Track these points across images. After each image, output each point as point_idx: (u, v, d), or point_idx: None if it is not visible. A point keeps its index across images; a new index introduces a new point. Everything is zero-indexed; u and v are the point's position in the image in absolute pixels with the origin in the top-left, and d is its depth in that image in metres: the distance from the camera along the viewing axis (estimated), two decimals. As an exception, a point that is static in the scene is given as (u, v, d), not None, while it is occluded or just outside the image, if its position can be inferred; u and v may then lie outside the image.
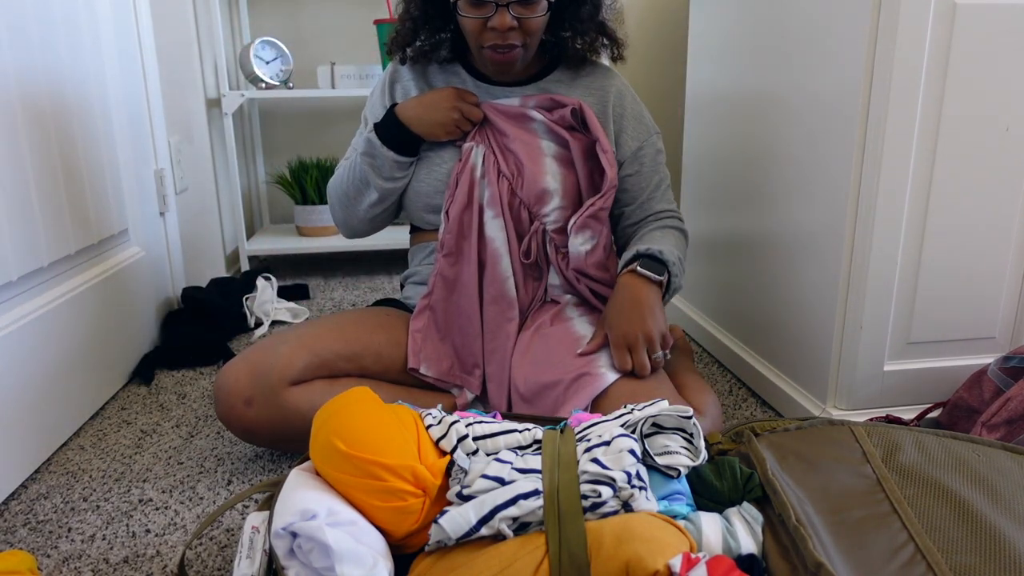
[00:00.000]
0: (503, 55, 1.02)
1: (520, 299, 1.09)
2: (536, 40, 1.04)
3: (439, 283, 1.09)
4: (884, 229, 1.01)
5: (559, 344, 1.02)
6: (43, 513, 0.96)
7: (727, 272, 1.43)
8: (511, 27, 0.99)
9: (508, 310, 1.07)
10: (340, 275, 2.23)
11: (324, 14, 2.35)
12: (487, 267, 1.07)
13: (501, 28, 0.98)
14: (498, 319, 1.07)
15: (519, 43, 1.01)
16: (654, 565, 0.57)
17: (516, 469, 0.67)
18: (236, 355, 1.09)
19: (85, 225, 1.25)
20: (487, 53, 1.03)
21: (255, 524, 0.67)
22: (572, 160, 1.08)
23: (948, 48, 0.96)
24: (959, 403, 1.01)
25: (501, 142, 1.08)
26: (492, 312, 1.07)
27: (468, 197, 1.06)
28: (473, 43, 1.04)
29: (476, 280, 1.07)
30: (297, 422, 0.97)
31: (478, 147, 1.07)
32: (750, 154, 1.30)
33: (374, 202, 1.14)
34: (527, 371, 1.02)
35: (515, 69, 1.07)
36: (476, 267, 1.07)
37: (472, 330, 1.08)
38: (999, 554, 0.59)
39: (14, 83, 1.05)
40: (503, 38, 1.00)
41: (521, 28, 1.00)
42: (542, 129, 1.08)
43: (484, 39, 1.01)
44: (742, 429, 0.80)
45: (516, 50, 1.02)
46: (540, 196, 1.06)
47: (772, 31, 1.20)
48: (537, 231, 1.08)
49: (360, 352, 1.04)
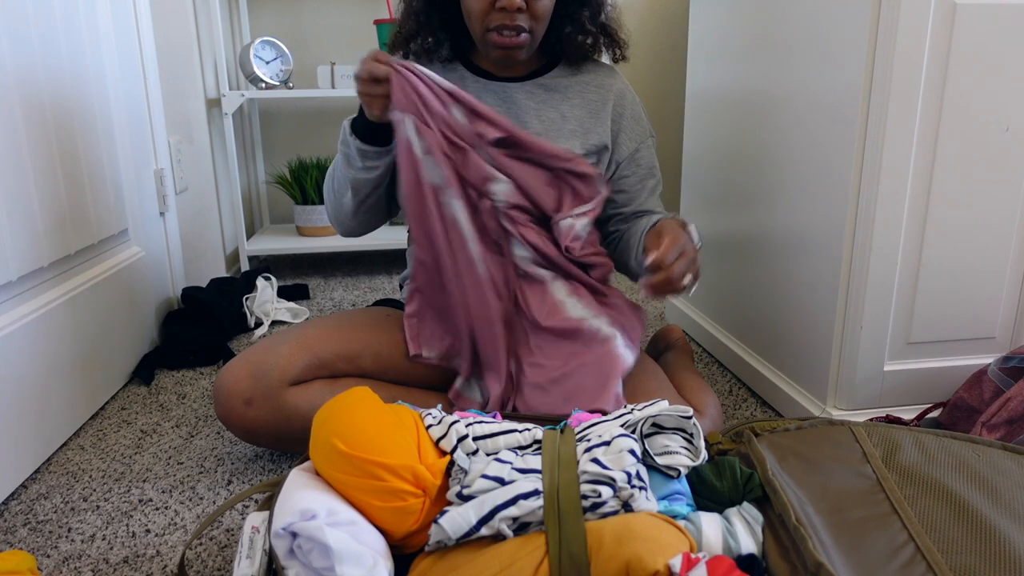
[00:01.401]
0: (509, 40, 1.01)
1: (495, 279, 1.04)
2: (542, 28, 1.04)
3: (419, 269, 1.05)
4: (884, 229, 1.01)
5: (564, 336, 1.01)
6: (43, 513, 0.96)
7: (727, 272, 1.43)
8: (519, 7, 0.98)
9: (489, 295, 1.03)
10: (340, 275, 2.23)
11: (324, 14, 2.35)
12: (456, 251, 1.02)
13: (510, 8, 0.98)
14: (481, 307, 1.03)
15: (526, 27, 1.01)
16: (654, 565, 0.57)
17: (516, 469, 0.67)
18: (236, 355, 1.09)
19: (85, 225, 1.25)
20: (492, 38, 1.02)
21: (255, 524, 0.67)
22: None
23: (948, 48, 0.96)
24: (959, 403, 1.01)
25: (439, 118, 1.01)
26: (474, 298, 1.03)
27: (414, 176, 0.99)
28: (479, 27, 1.02)
29: (453, 264, 1.03)
30: (297, 422, 0.97)
31: (406, 117, 0.98)
32: (750, 154, 1.30)
33: (353, 195, 1.10)
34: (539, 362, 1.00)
35: (520, 58, 1.06)
36: (448, 251, 1.02)
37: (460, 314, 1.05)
38: (999, 554, 0.59)
39: (14, 83, 1.05)
40: (511, 19, 0.99)
41: (529, 11, 1.00)
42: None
43: (491, 20, 1.00)
44: (742, 429, 0.80)
45: (523, 35, 1.02)
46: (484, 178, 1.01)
47: (772, 31, 1.20)
48: (488, 208, 1.03)
49: (360, 352, 1.04)
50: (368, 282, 2.14)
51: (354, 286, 2.09)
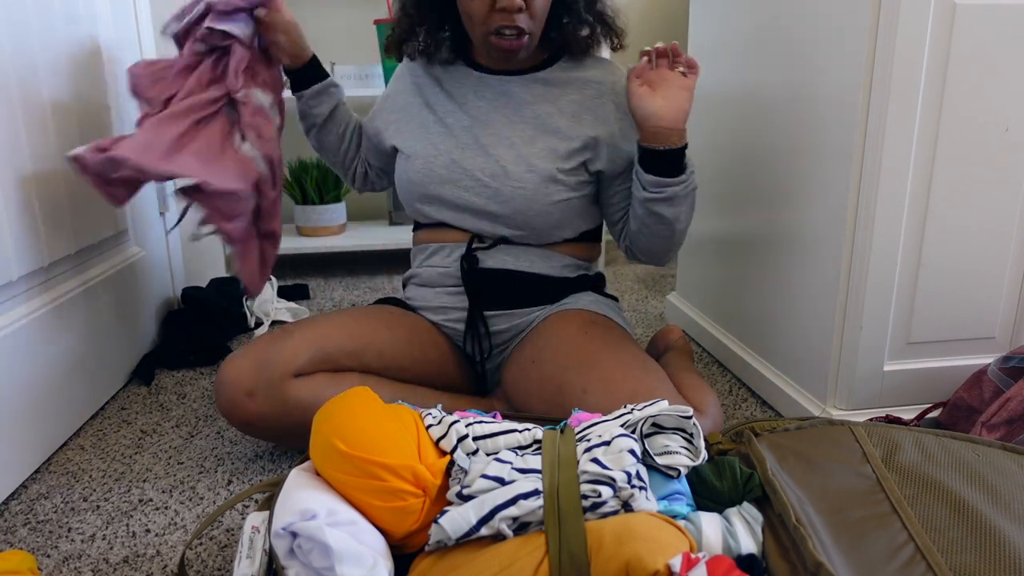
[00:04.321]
0: (510, 43, 1.02)
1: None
2: (540, 26, 1.04)
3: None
4: (884, 229, 1.01)
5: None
6: (43, 513, 0.96)
7: (727, 272, 1.43)
8: (519, 8, 0.99)
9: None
10: (340, 275, 2.23)
11: (324, 14, 2.35)
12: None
13: (511, 9, 0.98)
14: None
15: (526, 27, 1.01)
16: (654, 565, 0.57)
17: (516, 469, 0.67)
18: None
19: (85, 225, 1.25)
20: (493, 40, 1.03)
21: (255, 524, 0.67)
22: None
23: (948, 48, 0.96)
24: (959, 403, 1.01)
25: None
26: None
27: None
28: (479, 30, 1.03)
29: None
30: (298, 414, 0.97)
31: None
32: (750, 154, 1.30)
33: (310, 128, 1.24)
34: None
35: (521, 57, 1.07)
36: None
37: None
38: (999, 554, 0.59)
39: (14, 83, 1.05)
40: (511, 20, 1.00)
41: (528, 10, 1.00)
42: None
43: (491, 22, 1.01)
44: (742, 429, 0.80)
45: (524, 36, 1.02)
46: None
47: (772, 31, 1.20)
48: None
49: (363, 348, 1.04)
50: (368, 282, 2.14)
51: (354, 286, 2.09)
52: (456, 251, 1.12)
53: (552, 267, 1.13)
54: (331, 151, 1.27)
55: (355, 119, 1.27)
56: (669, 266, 2.29)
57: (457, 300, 1.13)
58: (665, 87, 0.99)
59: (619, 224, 1.16)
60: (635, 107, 1.00)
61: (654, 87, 1.00)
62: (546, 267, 1.13)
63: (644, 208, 1.05)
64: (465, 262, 1.10)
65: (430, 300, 1.15)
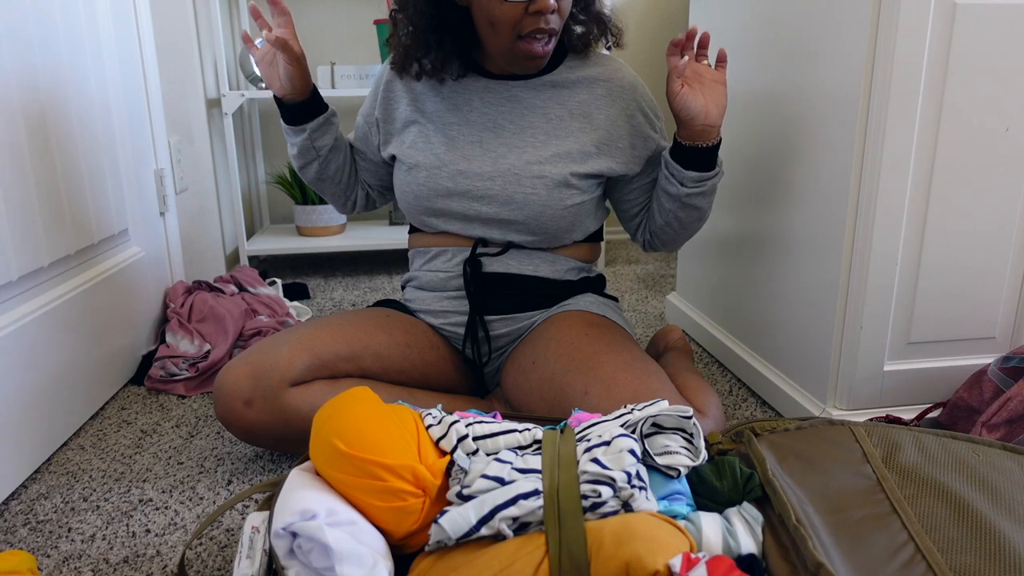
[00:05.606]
0: (542, 48, 1.01)
1: None
2: (562, 26, 1.04)
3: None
4: (884, 229, 1.01)
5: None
6: (43, 513, 0.96)
7: (727, 272, 1.43)
8: (553, 9, 0.98)
9: None
10: (340, 275, 2.23)
11: (324, 14, 2.35)
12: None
13: (546, 11, 0.97)
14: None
15: (557, 28, 1.01)
16: (654, 565, 0.57)
17: (516, 469, 0.67)
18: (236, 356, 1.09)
19: (85, 225, 1.25)
20: (522, 46, 1.01)
21: (255, 524, 0.67)
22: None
23: (948, 48, 0.96)
24: (959, 403, 1.01)
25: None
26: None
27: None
28: (506, 36, 1.00)
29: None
30: (297, 423, 0.97)
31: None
32: (750, 154, 1.30)
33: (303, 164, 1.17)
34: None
35: (544, 64, 1.06)
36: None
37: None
38: (999, 554, 0.59)
39: (14, 83, 1.05)
40: (545, 22, 0.99)
41: (558, 11, 1.00)
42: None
43: (524, 26, 0.99)
44: (742, 429, 0.80)
45: (553, 40, 1.02)
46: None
47: (772, 31, 1.20)
48: None
49: (360, 352, 1.04)
50: (368, 282, 2.14)
51: (354, 286, 2.09)
52: (459, 255, 1.12)
53: (556, 270, 1.13)
54: (333, 181, 1.20)
55: (348, 141, 1.22)
56: (669, 266, 2.29)
57: (458, 304, 1.12)
58: (702, 84, 1.00)
59: (636, 219, 1.16)
60: (680, 107, 1.00)
61: (692, 84, 1.00)
62: (550, 271, 1.13)
63: (678, 203, 1.06)
64: (469, 267, 1.10)
65: (430, 304, 1.15)
